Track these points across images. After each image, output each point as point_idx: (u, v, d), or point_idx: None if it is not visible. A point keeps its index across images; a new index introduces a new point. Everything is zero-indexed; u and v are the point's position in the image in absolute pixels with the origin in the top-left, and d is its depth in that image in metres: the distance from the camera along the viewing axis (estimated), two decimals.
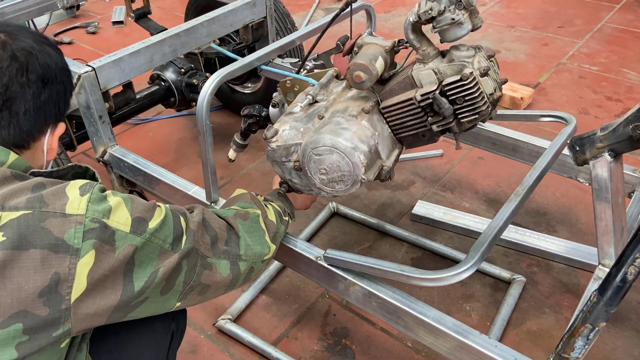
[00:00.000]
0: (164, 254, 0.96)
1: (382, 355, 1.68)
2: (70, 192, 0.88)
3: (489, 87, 1.25)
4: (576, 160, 1.57)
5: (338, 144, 1.24)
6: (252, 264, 1.18)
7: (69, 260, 0.84)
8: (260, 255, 1.20)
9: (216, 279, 1.09)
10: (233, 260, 1.13)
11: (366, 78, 1.26)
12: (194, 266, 1.03)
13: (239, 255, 1.14)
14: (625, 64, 3.21)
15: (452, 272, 1.18)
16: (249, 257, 1.17)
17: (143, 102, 2.24)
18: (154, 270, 0.94)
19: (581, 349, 1.06)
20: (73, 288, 0.84)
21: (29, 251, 0.82)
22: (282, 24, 2.43)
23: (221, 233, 1.12)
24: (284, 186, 1.46)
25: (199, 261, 1.04)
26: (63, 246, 0.83)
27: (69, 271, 0.84)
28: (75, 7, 4.13)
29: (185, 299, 1.04)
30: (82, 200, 0.87)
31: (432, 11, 1.20)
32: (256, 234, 1.21)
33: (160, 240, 0.95)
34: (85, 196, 0.88)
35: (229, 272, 1.12)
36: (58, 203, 0.86)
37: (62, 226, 0.84)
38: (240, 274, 1.15)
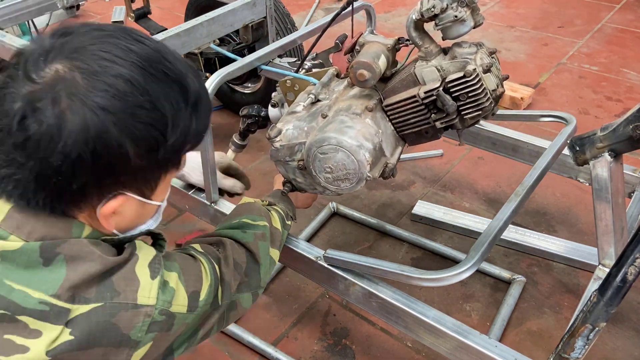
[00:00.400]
0: (206, 319, 0.95)
1: (382, 355, 1.68)
2: (140, 272, 0.81)
3: (492, 83, 1.26)
4: (576, 160, 1.57)
5: (343, 142, 1.24)
6: (265, 277, 1.18)
7: (126, 353, 0.79)
8: (265, 282, 1.19)
9: (239, 313, 1.08)
10: (254, 291, 1.12)
11: (369, 76, 1.26)
12: (228, 317, 1.03)
13: (259, 286, 1.14)
14: (625, 64, 3.21)
15: (452, 272, 1.18)
16: (264, 282, 1.17)
17: None
18: (193, 330, 0.93)
19: (581, 349, 1.06)
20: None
21: (93, 350, 0.76)
22: (282, 24, 2.43)
23: (244, 265, 1.10)
24: (287, 185, 1.46)
25: (229, 311, 1.03)
26: (126, 341, 0.79)
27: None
28: (75, 7, 4.11)
29: (209, 336, 1.02)
30: (153, 287, 0.81)
31: (435, 9, 1.20)
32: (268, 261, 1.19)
33: (206, 306, 0.92)
34: (155, 280, 0.82)
35: (252, 301, 1.11)
36: (129, 290, 0.79)
37: (131, 320, 0.79)
38: (259, 293, 1.16)
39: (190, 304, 0.87)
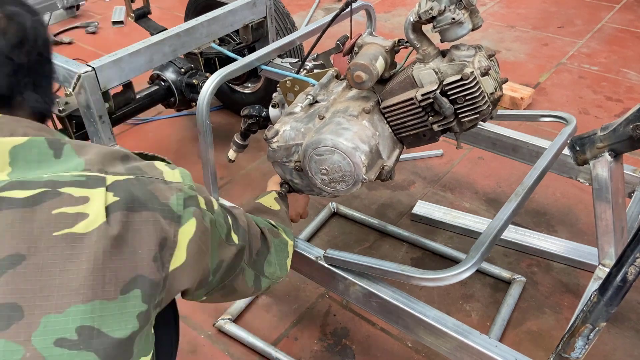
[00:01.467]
0: (221, 244, 0.95)
1: (382, 355, 1.68)
2: (160, 166, 0.86)
3: (490, 86, 1.25)
4: (576, 160, 1.57)
5: (339, 144, 1.24)
6: (271, 282, 1.18)
7: (174, 227, 0.81)
8: (278, 277, 1.20)
9: (242, 287, 1.08)
10: (257, 274, 1.12)
11: (367, 78, 1.26)
12: (237, 266, 1.02)
13: (263, 272, 1.13)
14: (625, 64, 3.21)
15: (452, 272, 1.18)
16: (272, 275, 1.17)
17: (143, 102, 2.24)
18: (218, 261, 0.94)
19: (581, 349, 1.06)
20: (174, 256, 0.81)
21: (142, 213, 0.78)
22: (282, 24, 2.43)
23: (255, 241, 1.10)
24: (284, 187, 1.46)
25: (240, 264, 1.03)
26: (169, 213, 0.81)
27: (174, 238, 0.81)
28: (75, 7, 4.13)
29: (212, 295, 1.02)
30: (175, 172, 0.86)
31: (433, 11, 1.20)
32: (282, 254, 1.20)
33: (220, 227, 0.95)
34: (176, 170, 0.87)
35: (252, 284, 1.11)
36: (155, 172, 0.84)
37: (166, 192, 0.82)
38: (261, 289, 1.15)
39: (209, 205, 0.91)
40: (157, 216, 0.79)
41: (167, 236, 0.80)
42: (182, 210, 0.82)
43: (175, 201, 0.82)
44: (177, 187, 0.84)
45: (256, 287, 1.12)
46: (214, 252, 0.92)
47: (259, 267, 1.12)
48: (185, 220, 0.83)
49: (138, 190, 0.79)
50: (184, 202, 0.83)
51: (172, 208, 0.81)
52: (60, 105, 1.95)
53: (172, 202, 0.82)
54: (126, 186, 0.78)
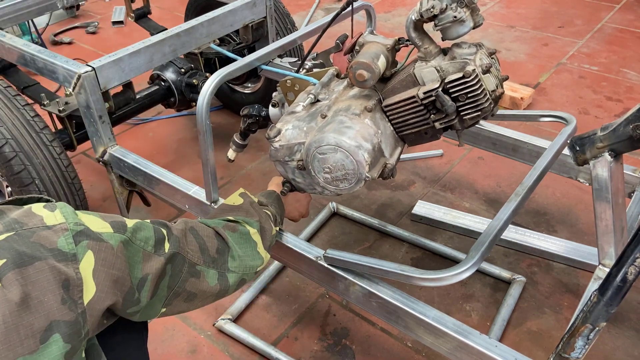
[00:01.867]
0: (147, 257, 0.95)
1: (382, 355, 1.68)
2: (38, 211, 0.85)
3: (491, 84, 1.26)
4: (576, 160, 1.57)
5: (342, 143, 1.24)
6: (243, 275, 1.18)
7: (72, 266, 0.82)
8: (251, 267, 1.20)
9: (203, 288, 1.08)
10: (221, 272, 1.12)
11: (369, 76, 1.27)
12: (179, 272, 1.02)
13: (227, 268, 1.13)
14: (625, 64, 3.21)
15: (452, 272, 1.18)
16: (240, 269, 1.16)
17: (143, 102, 2.24)
18: (142, 276, 0.94)
19: (581, 349, 1.06)
20: (83, 292, 0.82)
21: (34, 264, 0.78)
22: (282, 24, 2.43)
23: (210, 241, 1.12)
24: (286, 185, 1.46)
25: (186, 267, 1.03)
26: (61, 255, 0.81)
27: (76, 276, 0.82)
28: (75, 7, 4.13)
29: (171, 304, 1.04)
30: (56, 213, 0.85)
31: (434, 9, 1.20)
32: (246, 245, 1.20)
33: (142, 242, 0.94)
34: (56, 211, 0.86)
35: (217, 282, 1.11)
36: (35, 220, 0.83)
37: (51, 237, 0.82)
38: (230, 286, 1.15)
39: (115, 226, 0.90)
40: (51, 262, 0.79)
41: (69, 276, 0.81)
42: (75, 248, 0.83)
43: (64, 242, 0.82)
44: (62, 228, 0.83)
45: (222, 285, 1.12)
46: (134, 269, 0.93)
47: (221, 265, 1.12)
48: (81, 255, 0.83)
49: (22, 245, 0.79)
50: (74, 239, 0.83)
51: (62, 250, 0.82)
52: (60, 105, 1.95)
53: (61, 244, 0.82)
54: (8, 245, 0.78)
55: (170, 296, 1.02)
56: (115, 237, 0.89)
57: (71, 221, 0.85)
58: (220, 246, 1.14)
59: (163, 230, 1.01)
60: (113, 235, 0.89)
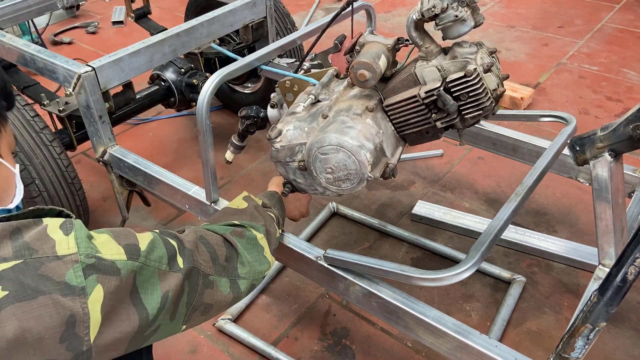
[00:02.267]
0: (163, 276, 0.93)
1: (382, 355, 1.68)
2: (53, 233, 0.82)
3: (492, 82, 1.26)
4: (576, 160, 1.57)
5: (344, 143, 1.24)
6: (253, 281, 1.17)
7: (79, 300, 0.79)
8: (260, 272, 1.19)
9: (218, 298, 1.07)
10: (232, 279, 1.11)
11: (370, 76, 1.26)
12: (196, 285, 1.00)
13: (238, 275, 1.13)
14: (625, 64, 3.21)
15: (452, 272, 1.18)
16: (250, 275, 1.16)
17: (143, 102, 2.24)
18: (162, 295, 0.92)
19: (581, 349, 1.06)
20: (90, 327, 0.80)
21: (38, 299, 0.76)
22: (282, 24, 2.43)
23: (220, 249, 1.10)
24: (287, 186, 1.46)
25: (201, 280, 1.02)
26: (68, 289, 0.79)
27: (83, 311, 0.79)
28: (75, 7, 4.13)
29: (190, 320, 1.02)
30: (70, 239, 0.82)
31: (435, 8, 1.20)
32: (254, 250, 1.19)
33: (156, 263, 0.92)
34: (71, 235, 0.83)
35: (229, 290, 1.10)
36: (47, 247, 0.80)
37: (59, 269, 0.79)
38: (241, 292, 1.14)
39: (129, 252, 0.88)
40: (55, 296, 0.77)
41: (74, 312, 0.79)
42: (84, 282, 0.80)
43: (73, 275, 0.80)
44: (72, 260, 0.80)
45: (235, 292, 1.11)
46: (152, 292, 0.90)
47: (232, 272, 1.11)
48: (90, 289, 0.81)
49: (28, 277, 0.77)
50: (84, 273, 0.81)
51: (70, 284, 0.79)
52: (60, 105, 1.95)
53: (69, 277, 0.79)
54: (14, 275, 0.76)
55: (189, 312, 1.00)
56: (127, 265, 0.87)
57: (82, 252, 0.82)
58: (229, 253, 1.12)
59: (174, 244, 0.99)
60: (126, 263, 0.86)
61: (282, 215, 1.41)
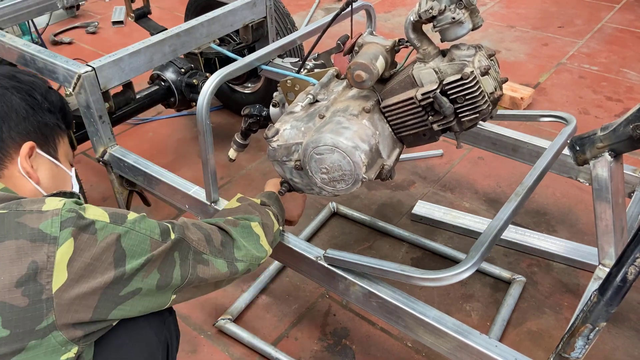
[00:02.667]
0: (155, 244, 0.96)
1: (382, 355, 1.68)
2: (49, 200, 0.89)
3: (490, 86, 1.25)
4: (576, 160, 1.57)
5: (339, 143, 1.24)
6: (250, 265, 1.19)
7: (46, 248, 0.83)
8: (257, 258, 1.21)
9: (213, 273, 1.09)
10: (229, 261, 1.14)
11: (367, 77, 1.26)
12: (186, 259, 1.03)
13: (235, 258, 1.15)
14: (625, 64, 3.21)
15: (453, 272, 1.18)
16: (247, 258, 1.18)
17: (143, 102, 2.24)
18: (146, 258, 0.94)
19: (581, 349, 1.06)
20: (53, 277, 0.83)
21: (4, 242, 0.82)
22: (282, 24, 2.43)
23: (214, 233, 1.13)
24: (284, 186, 1.46)
25: (191, 255, 1.04)
26: (39, 235, 0.83)
27: (47, 259, 0.83)
28: (75, 7, 4.13)
29: (182, 291, 1.04)
30: (59, 202, 0.88)
31: (433, 10, 1.20)
32: (250, 238, 1.21)
33: (148, 231, 0.96)
34: (62, 201, 0.89)
35: (227, 269, 1.12)
36: (35, 206, 0.87)
37: (38, 220, 0.84)
38: (239, 272, 1.16)
39: (113, 217, 0.92)
40: (22, 242, 0.82)
41: (37, 259, 0.82)
42: (58, 232, 0.84)
43: (49, 224, 0.84)
44: (53, 213, 0.86)
45: (232, 270, 1.14)
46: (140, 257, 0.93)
47: (228, 255, 1.14)
48: (62, 240, 0.84)
49: (4, 223, 0.84)
50: (61, 225, 0.85)
51: (43, 231, 0.84)
52: None
53: (45, 225, 0.84)
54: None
55: (183, 285, 1.03)
56: (108, 227, 0.90)
57: (66, 207, 0.87)
58: (225, 239, 1.15)
59: (167, 224, 1.03)
60: (107, 225, 0.90)
61: (282, 214, 1.42)
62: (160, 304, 1.02)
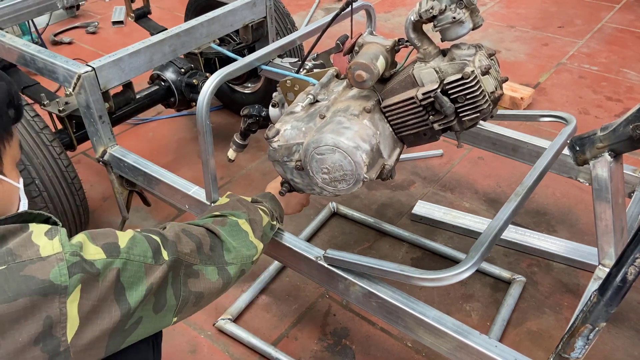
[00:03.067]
0: (149, 269, 0.94)
1: (382, 355, 1.68)
2: (38, 239, 0.83)
3: (490, 85, 1.25)
4: (576, 160, 1.57)
5: (340, 143, 1.24)
6: (242, 266, 1.18)
7: (57, 300, 0.80)
8: (248, 257, 1.20)
9: (206, 285, 1.08)
10: (220, 266, 1.12)
11: (367, 77, 1.26)
12: (177, 275, 1.01)
13: (225, 262, 1.14)
14: (625, 64, 3.21)
15: (453, 272, 1.18)
16: (237, 259, 1.17)
17: (143, 102, 2.24)
18: (147, 287, 0.92)
19: (581, 349, 1.06)
20: (67, 327, 0.81)
21: (18, 301, 0.78)
22: (282, 24, 2.43)
23: (204, 239, 1.12)
24: (285, 186, 1.46)
25: (183, 270, 1.03)
26: (51, 288, 0.80)
27: (60, 312, 0.80)
28: (75, 7, 4.13)
29: (182, 312, 1.03)
30: (54, 242, 0.83)
31: (433, 10, 1.20)
32: (238, 236, 1.20)
33: (141, 257, 0.93)
34: (55, 238, 0.84)
35: (218, 277, 1.11)
36: (30, 251, 0.81)
37: (44, 268, 0.80)
38: (231, 278, 1.15)
39: (108, 251, 0.89)
40: (36, 299, 0.79)
41: (51, 314, 0.80)
42: (68, 280, 0.81)
43: (58, 273, 0.81)
44: (57, 259, 0.82)
45: (224, 278, 1.12)
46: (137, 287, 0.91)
47: (218, 259, 1.12)
48: (72, 289, 0.82)
49: (10, 280, 0.78)
50: (69, 271, 0.82)
51: (54, 282, 0.80)
52: (60, 105, 1.95)
53: (54, 274, 0.80)
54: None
55: (180, 304, 1.01)
56: (107, 263, 0.87)
57: (67, 250, 0.83)
58: (213, 242, 1.14)
59: (156, 239, 0.99)
60: (105, 261, 0.87)
61: (277, 210, 1.42)
62: (163, 326, 1.01)
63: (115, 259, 0.89)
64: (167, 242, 1.01)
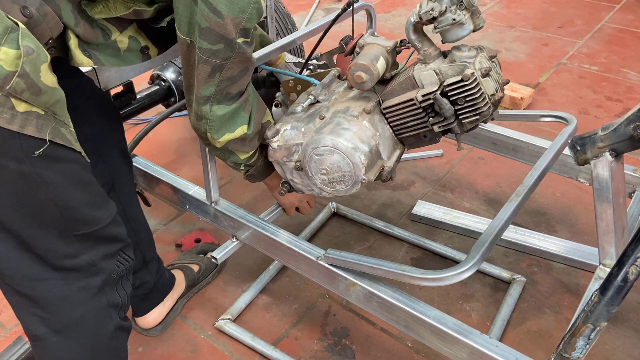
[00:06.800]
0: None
1: (382, 355, 1.68)
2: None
3: (491, 87, 1.25)
4: (577, 160, 1.57)
5: (339, 144, 1.24)
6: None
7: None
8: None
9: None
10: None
11: (367, 78, 1.26)
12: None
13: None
14: (625, 64, 3.21)
15: (453, 272, 1.18)
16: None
17: (143, 102, 2.24)
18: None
19: (582, 349, 1.06)
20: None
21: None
22: (282, 24, 2.43)
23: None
24: (285, 186, 1.46)
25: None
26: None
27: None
28: None
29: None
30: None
31: (434, 11, 1.20)
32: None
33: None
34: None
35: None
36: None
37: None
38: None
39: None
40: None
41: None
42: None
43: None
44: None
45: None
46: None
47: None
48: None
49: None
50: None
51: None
52: None
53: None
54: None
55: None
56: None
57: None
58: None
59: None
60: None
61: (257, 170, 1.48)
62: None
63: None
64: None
